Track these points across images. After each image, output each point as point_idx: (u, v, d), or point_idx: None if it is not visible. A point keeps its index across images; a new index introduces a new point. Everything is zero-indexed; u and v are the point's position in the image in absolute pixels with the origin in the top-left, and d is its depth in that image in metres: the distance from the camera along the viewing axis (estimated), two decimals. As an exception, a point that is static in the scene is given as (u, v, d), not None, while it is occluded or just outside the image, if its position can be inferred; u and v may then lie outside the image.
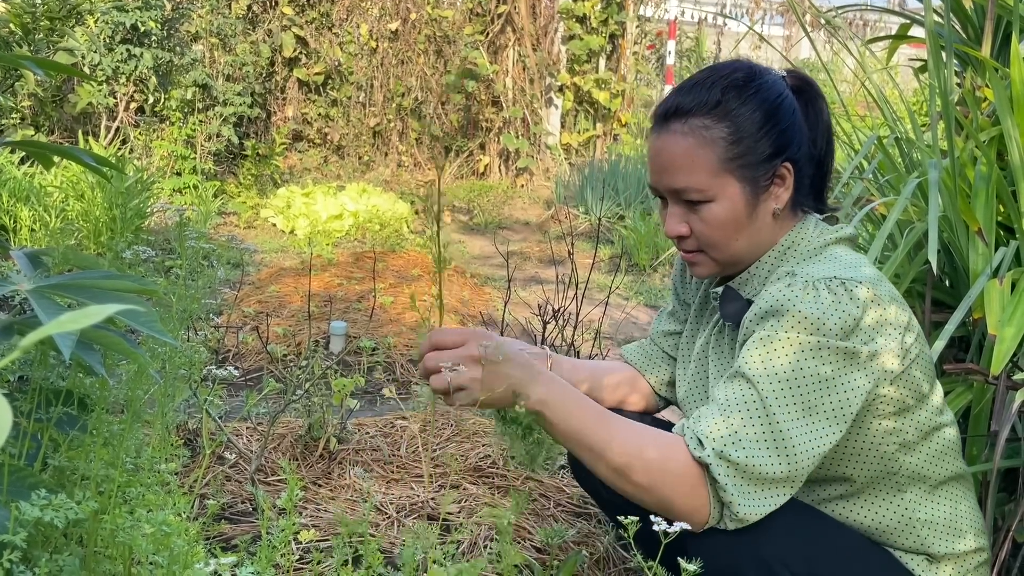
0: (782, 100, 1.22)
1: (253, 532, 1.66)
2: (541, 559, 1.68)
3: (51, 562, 0.98)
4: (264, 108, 7.05)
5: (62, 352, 0.77)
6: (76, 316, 0.43)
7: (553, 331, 2.34)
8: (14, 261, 1.07)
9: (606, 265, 4.89)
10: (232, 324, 3.18)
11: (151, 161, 5.80)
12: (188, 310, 1.19)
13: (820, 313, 1.09)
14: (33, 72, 1.18)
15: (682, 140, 1.19)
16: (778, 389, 1.08)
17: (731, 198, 1.19)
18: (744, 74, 1.22)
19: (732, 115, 1.19)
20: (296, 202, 5.55)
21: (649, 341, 1.55)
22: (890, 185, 1.88)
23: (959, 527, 1.22)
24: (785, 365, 1.09)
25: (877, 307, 1.12)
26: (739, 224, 1.20)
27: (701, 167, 1.18)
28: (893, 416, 1.17)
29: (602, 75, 7.85)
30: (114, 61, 5.52)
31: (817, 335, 1.09)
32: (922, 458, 1.20)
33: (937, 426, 1.21)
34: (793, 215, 1.26)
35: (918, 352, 1.17)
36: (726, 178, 1.19)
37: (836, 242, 1.24)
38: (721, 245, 1.22)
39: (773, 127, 1.20)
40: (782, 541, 1.11)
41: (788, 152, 1.21)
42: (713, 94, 1.20)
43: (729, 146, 1.18)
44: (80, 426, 1.13)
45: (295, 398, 1.99)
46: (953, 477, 1.23)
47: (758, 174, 1.20)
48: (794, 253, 1.24)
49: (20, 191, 4.25)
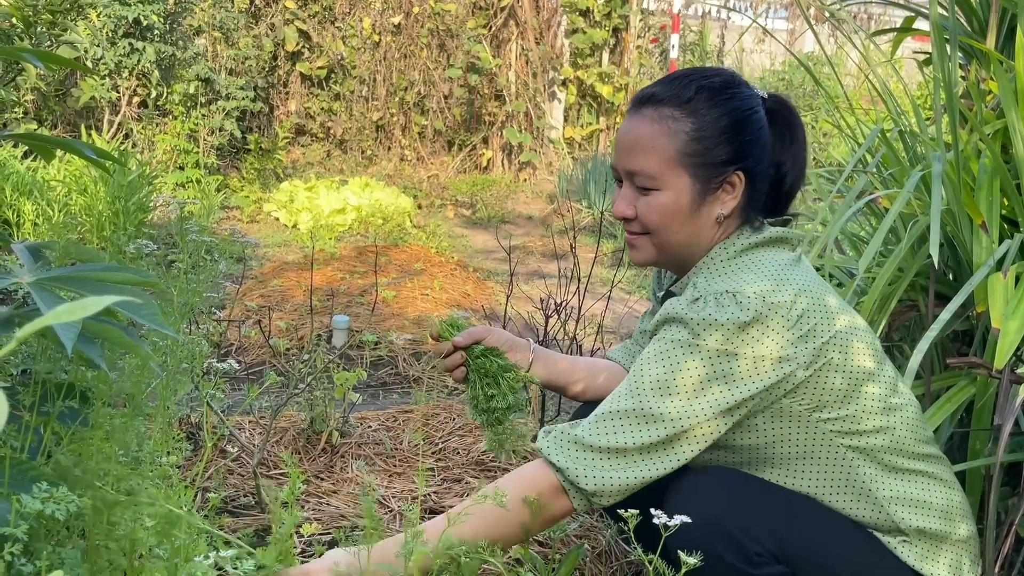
0: (751, 114, 1.26)
1: (256, 525, 1.67)
2: (543, 552, 1.69)
3: (53, 555, 0.98)
4: (267, 102, 7.04)
5: (64, 345, 0.77)
6: (73, 307, 0.43)
7: (555, 325, 2.34)
8: (16, 255, 1.07)
9: (609, 259, 4.89)
10: (235, 318, 3.19)
11: (154, 155, 5.80)
12: (189, 303, 1.19)
13: (703, 316, 1.15)
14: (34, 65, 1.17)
15: (648, 125, 1.24)
16: (643, 382, 1.16)
17: (678, 191, 1.23)
18: (723, 80, 1.27)
19: (699, 113, 1.23)
20: (299, 196, 5.55)
21: (633, 340, 1.58)
22: (893, 178, 1.87)
23: (952, 513, 1.22)
24: (655, 365, 1.16)
25: (770, 312, 1.14)
26: (680, 218, 1.25)
27: (658, 154, 1.23)
28: (823, 408, 1.19)
29: (605, 69, 7.83)
30: (117, 55, 5.52)
31: (693, 330, 1.15)
32: (875, 442, 1.21)
33: (888, 408, 1.22)
34: (739, 223, 1.29)
35: (840, 344, 1.18)
36: (679, 171, 1.23)
37: (756, 246, 1.26)
38: (660, 233, 1.26)
39: (735, 136, 1.24)
40: (748, 516, 1.15)
41: (744, 163, 1.25)
42: (688, 89, 1.24)
43: (689, 141, 1.23)
44: (82, 420, 1.13)
45: (296, 392, 1.99)
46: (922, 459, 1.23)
47: (710, 175, 1.24)
48: (713, 263, 1.27)
49: (23, 185, 4.25)
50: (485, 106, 7.46)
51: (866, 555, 1.20)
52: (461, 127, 7.61)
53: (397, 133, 7.48)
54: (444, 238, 5.30)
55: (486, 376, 1.39)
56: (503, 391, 1.37)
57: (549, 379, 1.52)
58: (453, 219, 6.11)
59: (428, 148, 7.54)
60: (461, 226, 5.92)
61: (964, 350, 1.71)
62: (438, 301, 3.76)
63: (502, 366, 1.39)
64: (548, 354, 1.54)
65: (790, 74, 8.34)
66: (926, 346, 1.41)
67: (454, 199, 6.60)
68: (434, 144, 7.57)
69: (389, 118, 7.43)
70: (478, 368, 1.40)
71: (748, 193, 1.26)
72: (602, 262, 4.95)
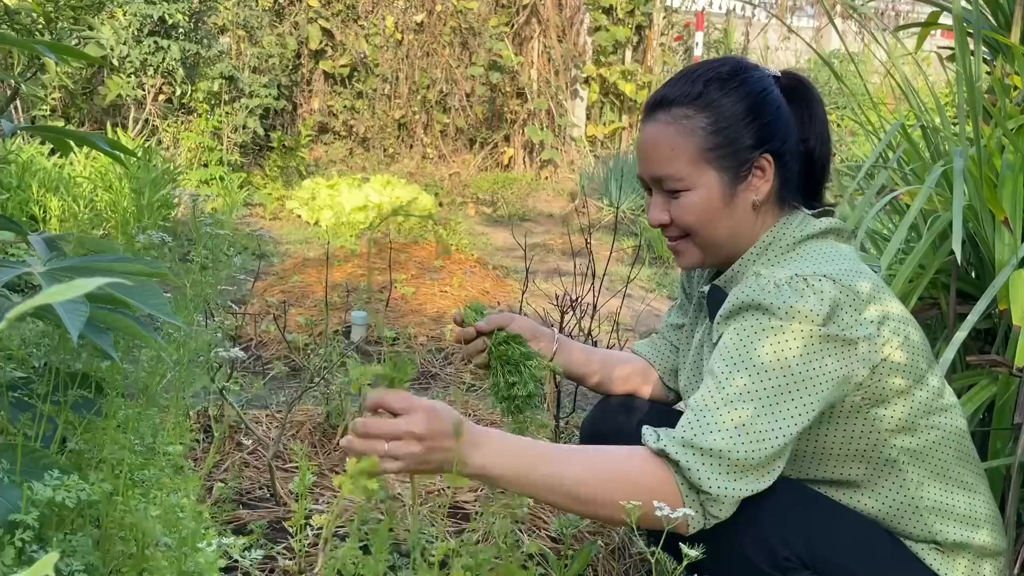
0: (766, 94, 1.24)
1: (269, 518, 1.68)
2: (556, 549, 1.68)
3: (64, 542, 0.99)
4: (290, 100, 7.09)
5: (69, 331, 0.78)
6: (63, 288, 0.43)
7: (570, 321, 2.33)
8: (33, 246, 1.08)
9: (629, 257, 4.87)
10: (255, 313, 3.21)
11: (179, 152, 5.86)
12: (202, 295, 1.19)
13: (781, 303, 1.10)
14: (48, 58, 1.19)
15: (664, 129, 1.22)
16: (741, 379, 1.09)
17: (708, 187, 1.21)
18: (730, 68, 1.25)
19: (713, 105, 1.21)
20: (321, 194, 5.58)
21: (659, 335, 1.56)
22: (915, 174, 1.84)
23: (973, 518, 1.20)
24: (746, 355, 1.10)
25: (844, 298, 1.12)
26: (716, 213, 1.22)
27: (680, 156, 1.21)
28: (881, 403, 1.16)
29: (628, 66, 7.80)
30: (142, 53, 5.58)
31: (775, 320, 1.10)
32: (923, 442, 1.19)
33: (936, 410, 1.19)
34: (779, 210, 1.26)
35: (902, 341, 1.16)
36: (704, 167, 1.21)
37: (816, 235, 1.23)
38: (700, 232, 1.23)
39: (755, 119, 1.22)
40: (782, 522, 1.11)
41: (770, 145, 1.22)
42: (696, 85, 1.22)
43: (708, 136, 1.20)
44: (96, 409, 1.14)
45: (311, 385, 2.00)
46: (962, 467, 1.21)
47: (737, 164, 1.21)
48: (771, 251, 1.24)
49: (50, 181, 4.31)
50: (507, 104, 7.46)
51: (894, 563, 1.19)
52: (483, 125, 7.61)
53: (419, 131, 7.50)
54: (464, 236, 5.31)
55: (508, 363, 1.36)
56: (524, 379, 1.34)
57: (573, 369, 1.51)
58: (474, 217, 6.11)
59: (450, 146, 7.55)
60: (482, 224, 5.93)
61: (986, 348, 1.68)
62: (457, 298, 3.77)
63: (524, 353, 1.37)
64: (573, 344, 1.53)
65: (815, 72, 8.27)
66: (952, 354, 1.38)
67: (475, 197, 6.60)
68: (456, 142, 7.58)
69: (411, 116, 7.45)
70: (500, 355, 1.37)
71: (780, 175, 1.24)
72: (622, 260, 4.93)
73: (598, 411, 1.55)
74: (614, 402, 1.53)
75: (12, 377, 1.13)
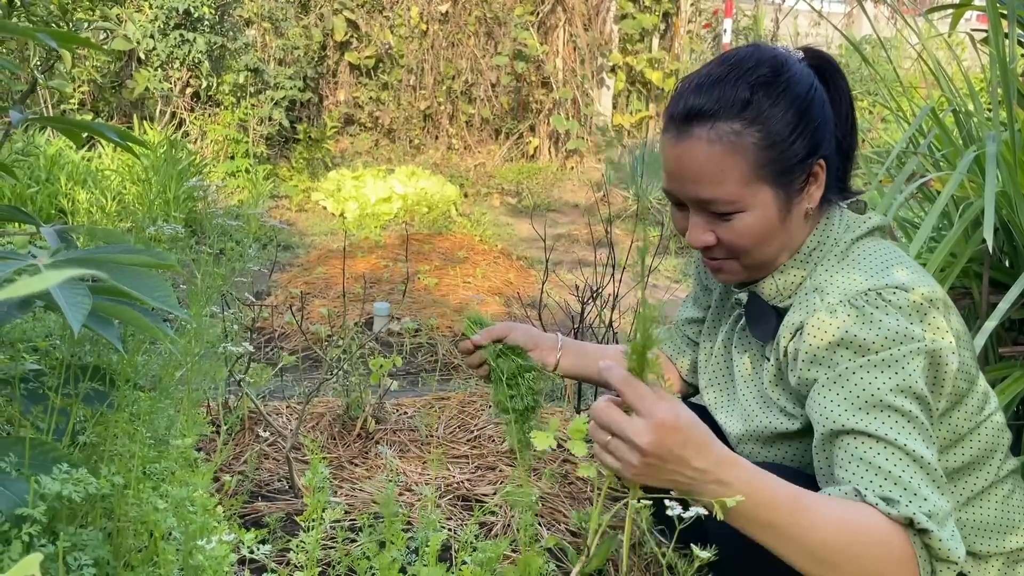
0: (814, 94, 1.12)
1: (287, 510, 1.67)
2: (575, 543, 1.66)
3: (75, 536, 0.99)
4: (316, 92, 7.10)
5: (70, 323, 0.77)
6: (43, 277, 0.41)
7: (591, 312, 2.30)
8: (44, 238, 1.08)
9: (655, 247, 4.82)
10: (277, 304, 3.22)
11: (205, 145, 5.90)
12: (214, 287, 1.18)
13: (874, 334, 1.02)
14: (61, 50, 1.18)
15: (708, 148, 1.08)
16: (888, 422, 0.99)
17: (764, 206, 1.10)
18: (770, 68, 1.10)
19: (763, 117, 1.08)
20: (346, 185, 5.59)
21: (675, 327, 1.51)
22: (946, 160, 1.79)
23: (1009, 524, 1.15)
24: (873, 396, 1.00)
25: (921, 307, 1.05)
26: (772, 231, 1.11)
27: (731, 177, 1.08)
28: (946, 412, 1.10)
29: (655, 55, 7.72)
30: (168, 46, 5.61)
31: (883, 353, 1.01)
32: (962, 458, 1.13)
33: (979, 424, 1.14)
34: (819, 210, 1.17)
35: (959, 352, 1.10)
36: (758, 186, 1.08)
37: (863, 236, 1.16)
38: (753, 253, 1.13)
39: (807, 126, 1.10)
40: None
41: (822, 150, 1.12)
42: (741, 92, 1.08)
43: (761, 152, 1.07)
44: (108, 402, 1.14)
45: (330, 377, 1.99)
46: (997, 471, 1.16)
47: (792, 178, 1.10)
48: (820, 256, 1.15)
49: (78, 175, 4.35)
50: (532, 94, 7.42)
51: None
52: (508, 115, 7.58)
53: (444, 122, 7.48)
54: (489, 226, 5.29)
55: (505, 377, 1.37)
56: (522, 392, 1.34)
57: (575, 372, 1.48)
58: (499, 207, 6.09)
59: (475, 137, 7.53)
60: (506, 214, 5.90)
61: (1020, 339, 1.63)
62: (480, 289, 3.75)
63: (522, 366, 1.37)
64: (579, 345, 1.50)
65: (846, 58, 8.13)
66: (983, 340, 1.34)
67: (500, 187, 6.58)
68: (481, 133, 7.56)
69: (436, 107, 7.44)
70: (497, 368, 1.38)
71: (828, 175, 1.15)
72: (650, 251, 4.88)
73: None
74: None
75: (24, 369, 1.13)
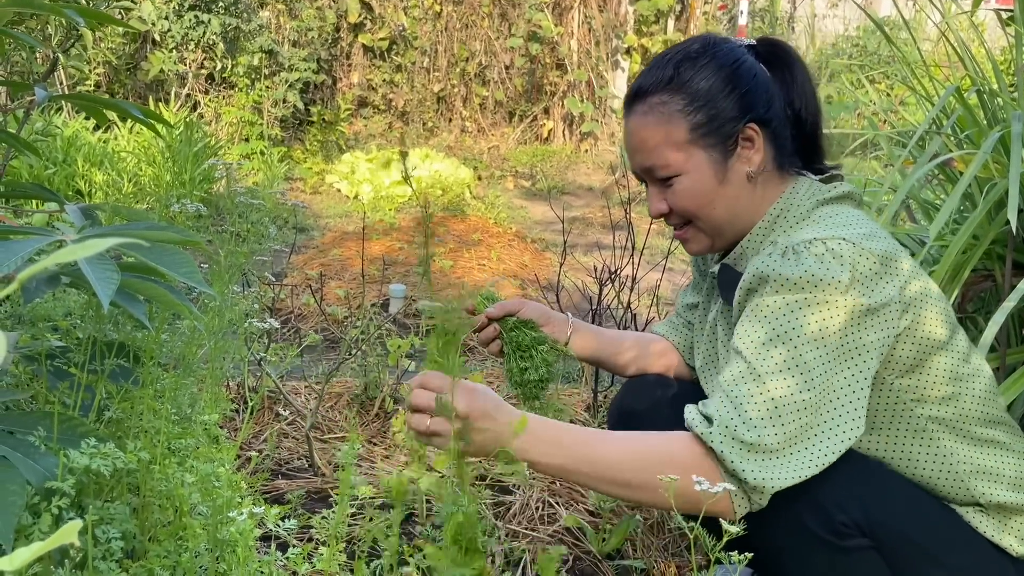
0: (739, 64, 1.21)
1: (308, 488, 1.68)
2: (594, 523, 1.66)
3: (102, 509, 1.00)
4: (330, 74, 7.09)
5: (100, 299, 0.77)
6: (78, 247, 0.42)
7: (609, 294, 2.30)
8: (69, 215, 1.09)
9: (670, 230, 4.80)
10: (294, 285, 3.23)
11: (220, 127, 5.91)
12: (236, 265, 1.19)
13: (802, 273, 1.06)
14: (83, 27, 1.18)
15: (643, 120, 1.21)
16: (771, 358, 1.05)
17: (698, 169, 1.20)
18: (699, 45, 1.23)
19: (687, 86, 1.19)
20: (360, 168, 5.59)
21: (676, 314, 1.54)
22: (970, 140, 1.77)
23: (1020, 479, 1.16)
24: (772, 331, 1.06)
25: (865, 261, 1.07)
26: (711, 193, 1.20)
27: (664, 143, 1.20)
28: (905, 373, 1.12)
29: (671, 36, 7.66)
30: (183, 28, 5.61)
31: (802, 293, 1.06)
32: (953, 409, 1.15)
33: (963, 376, 1.15)
34: (781, 179, 1.23)
35: (924, 306, 1.12)
36: (690, 149, 1.19)
37: (828, 202, 1.20)
38: (699, 215, 1.22)
39: (732, 90, 1.20)
40: (838, 485, 1.08)
41: (753, 113, 1.20)
42: (667, 69, 1.21)
43: (687, 117, 1.19)
44: (133, 379, 1.15)
45: (348, 357, 2.00)
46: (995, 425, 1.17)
47: (722, 139, 1.19)
48: (783, 221, 1.21)
49: (94, 156, 4.37)
50: (546, 76, 7.38)
51: (947, 528, 1.16)
52: (522, 98, 7.55)
53: (458, 104, 7.46)
54: (503, 209, 5.28)
55: (519, 348, 1.37)
56: (536, 364, 1.34)
57: (588, 353, 1.49)
58: (513, 190, 6.08)
59: (489, 119, 7.51)
60: (520, 197, 5.89)
61: (1043, 322, 1.62)
62: (495, 272, 3.75)
63: (535, 338, 1.37)
64: (588, 328, 1.50)
65: (865, 39, 8.04)
66: (1002, 318, 1.33)
67: (514, 170, 6.56)
68: (495, 115, 7.53)
69: (450, 89, 7.42)
70: (511, 340, 1.38)
71: (772, 142, 1.21)
72: (662, 232, 4.86)
73: (628, 390, 1.52)
74: (649, 380, 1.50)
75: (50, 346, 1.14)
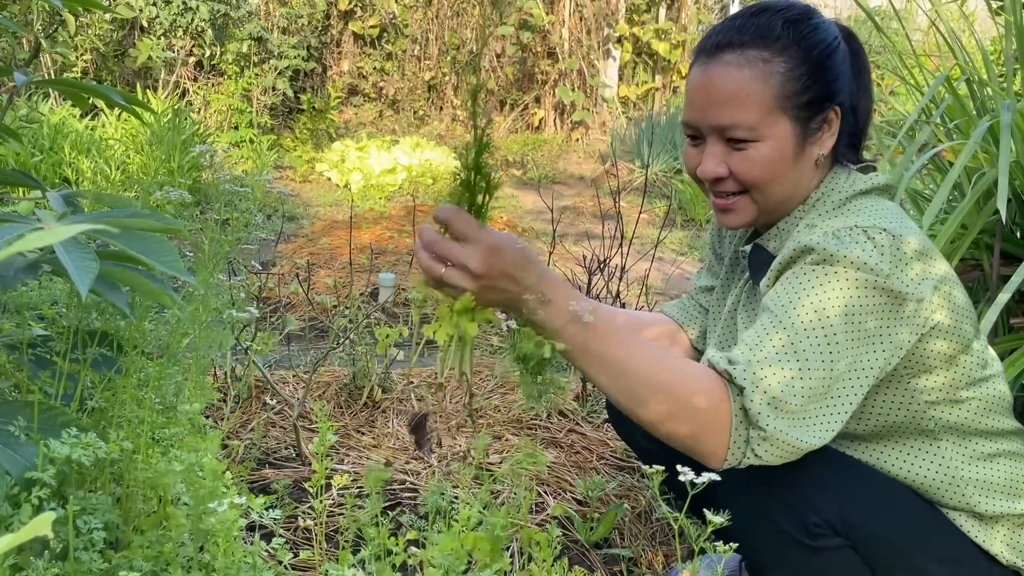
0: (838, 44, 1.16)
1: (295, 477, 1.68)
2: (581, 511, 1.66)
3: (83, 500, 0.99)
4: (320, 62, 7.05)
5: (78, 287, 0.76)
6: (43, 235, 0.41)
7: (598, 283, 2.29)
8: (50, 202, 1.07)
9: (660, 220, 4.80)
10: (282, 274, 3.21)
11: (209, 115, 5.86)
12: (221, 252, 1.18)
13: (847, 252, 1.03)
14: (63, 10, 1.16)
15: (736, 72, 1.11)
16: (798, 316, 1.01)
17: (780, 138, 1.12)
18: (800, 11, 1.15)
19: (791, 50, 1.11)
20: (350, 156, 5.56)
21: (688, 296, 1.51)
22: (959, 130, 1.77)
23: (1013, 488, 1.15)
24: (806, 295, 1.02)
25: (903, 255, 1.06)
26: (785, 167, 1.13)
27: (754, 102, 1.10)
28: (923, 373, 1.10)
29: (662, 25, 7.64)
30: (171, 14, 5.56)
31: (843, 269, 1.03)
32: (963, 414, 1.14)
33: (979, 380, 1.14)
34: (829, 166, 1.20)
35: (950, 306, 1.10)
36: (778, 116, 1.11)
37: (866, 192, 1.17)
38: (764, 187, 1.14)
39: (829, 69, 1.14)
40: (813, 488, 1.07)
41: (839, 97, 1.16)
42: (773, 27, 1.12)
43: (786, 82, 1.10)
44: (116, 368, 1.14)
45: (336, 346, 1.99)
46: (1003, 435, 1.16)
47: (810, 115, 1.13)
48: (820, 206, 1.17)
49: (82, 144, 4.33)
50: (538, 64, 7.35)
51: (929, 529, 1.14)
52: (513, 86, 7.52)
53: (449, 92, 7.43)
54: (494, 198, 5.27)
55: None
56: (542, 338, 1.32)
57: None
58: (503, 179, 6.06)
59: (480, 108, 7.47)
60: (511, 186, 5.87)
61: (1030, 312, 1.62)
62: (486, 260, 3.74)
63: None
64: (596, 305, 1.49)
65: (855, 29, 8.04)
66: (995, 315, 1.33)
67: (505, 159, 6.54)
68: (486, 104, 7.50)
69: (441, 77, 7.38)
70: None
71: (840, 130, 1.17)
72: (653, 222, 4.86)
73: None
74: None
75: (32, 335, 1.13)
